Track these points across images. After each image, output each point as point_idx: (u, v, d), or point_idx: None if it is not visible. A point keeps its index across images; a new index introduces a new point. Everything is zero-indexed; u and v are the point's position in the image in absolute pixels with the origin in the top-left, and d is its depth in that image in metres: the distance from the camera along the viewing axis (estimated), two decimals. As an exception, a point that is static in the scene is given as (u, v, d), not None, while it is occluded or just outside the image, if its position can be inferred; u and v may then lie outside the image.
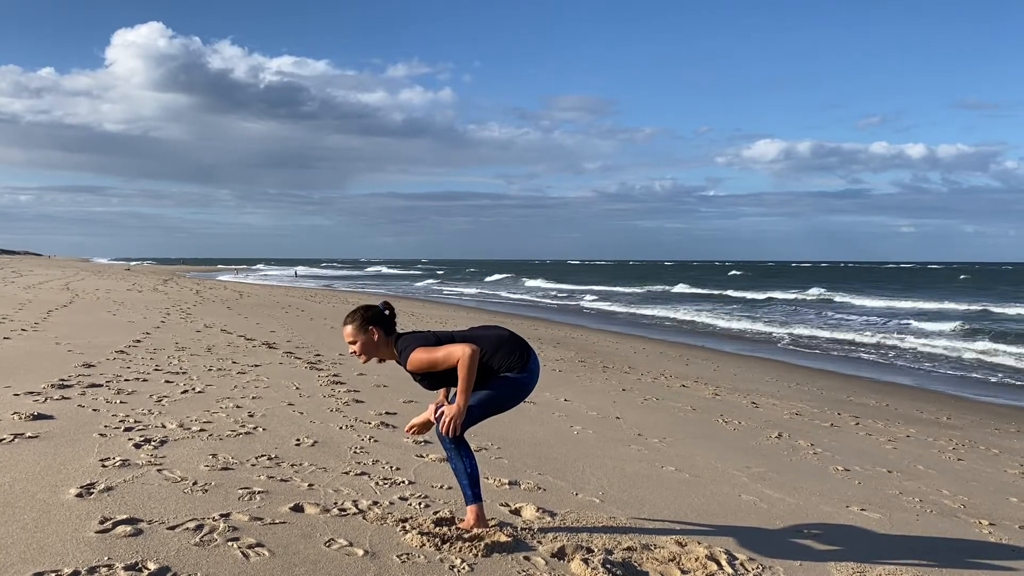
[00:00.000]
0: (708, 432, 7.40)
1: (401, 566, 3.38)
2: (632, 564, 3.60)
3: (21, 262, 77.38)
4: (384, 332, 3.80)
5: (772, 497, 5.12)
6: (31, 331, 11.75)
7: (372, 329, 3.77)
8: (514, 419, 6.98)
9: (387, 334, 3.81)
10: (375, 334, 3.77)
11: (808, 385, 12.50)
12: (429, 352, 3.66)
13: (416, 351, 3.68)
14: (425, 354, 3.66)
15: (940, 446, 7.85)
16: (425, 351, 3.67)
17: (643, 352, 16.10)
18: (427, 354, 3.66)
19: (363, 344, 3.78)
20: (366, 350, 3.79)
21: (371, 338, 3.77)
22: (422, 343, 3.73)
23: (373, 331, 3.77)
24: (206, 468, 4.65)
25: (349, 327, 3.80)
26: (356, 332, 3.78)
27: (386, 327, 3.81)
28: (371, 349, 3.80)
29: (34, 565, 3.11)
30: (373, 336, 3.77)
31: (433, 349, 3.66)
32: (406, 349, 3.73)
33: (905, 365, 16.83)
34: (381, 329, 3.79)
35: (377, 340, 3.78)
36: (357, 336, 3.78)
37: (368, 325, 3.77)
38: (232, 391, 7.41)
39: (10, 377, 7.44)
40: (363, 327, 3.77)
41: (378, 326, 3.78)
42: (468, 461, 3.79)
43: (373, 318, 3.79)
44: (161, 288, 29.09)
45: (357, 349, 3.79)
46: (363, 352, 3.79)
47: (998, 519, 5.14)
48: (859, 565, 3.89)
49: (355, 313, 3.83)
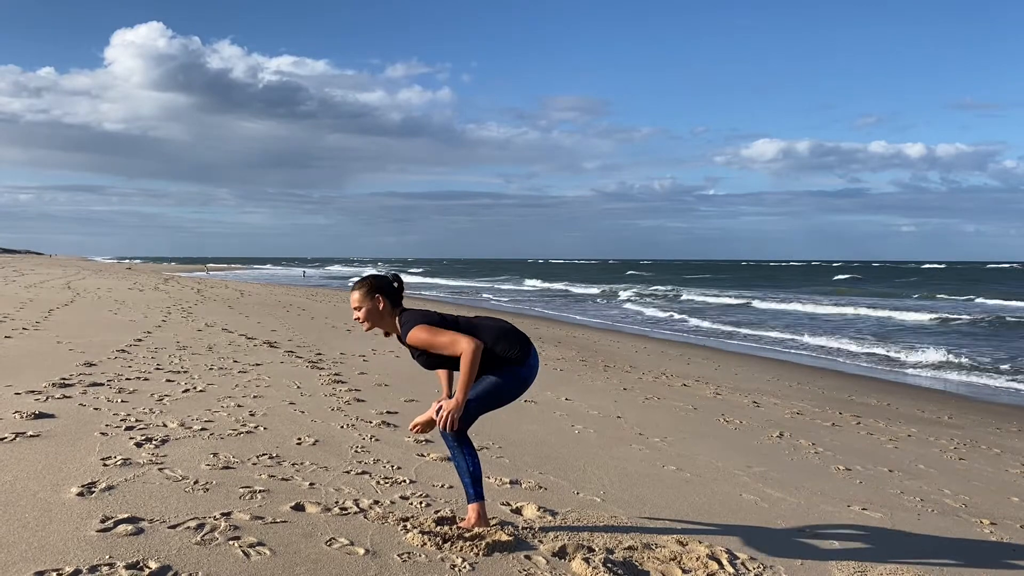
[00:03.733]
0: (709, 431, 7.39)
1: (402, 565, 3.38)
2: (633, 563, 3.60)
3: (22, 261, 77.44)
4: (390, 303, 3.81)
5: (773, 496, 5.11)
6: (32, 330, 11.76)
7: (378, 297, 3.78)
8: (515, 418, 6.98)
9: (392, 305, 3.82)
10: (380, 303, 3.78)
11: (809, 384, 12.50)
12: (432, 333, 3.65)
13: (418, 327, 3.68)
14: (427, 333, 3.66)
15: (941, 445, 7.84)
16: (427, 330, 3.66)
17: (644, 351, 16.10)
18: (429, 334, 3.65)
19: (367, 311, 3.79)
20: (370, 317, 3.80)
21: (376, 306, 3.78)
22: (425, 321, 3.72)
23: (379, 299, 3.78)
24: (207, 467, 4.66)
25: (356, 293, 3.82)
26: (362, 299, 3.79)
27: (392, 298, 3.82)
28: (375, 317, 3.81)
29: (35, 564, 3.11)
30: (379, 304, 3.78)
31: (436, 331, 3.66)
32: (408, 323, 3.73)
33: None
34: (387, 299, 3.80)
35: (382, 309, 3.79)
36: (363, 302, 3.79)
37: (375, 293, 3.79)
38: (233, 390, 7.41)
39: (11, 376, 7.44)
40: (369, 294, 3.79)
41: (384, 295, 3.80)
42: (471, 459, 3.78)
43: (380, 287, 3.81)
44: (162, 287, 29.10)
45: (361, 316, 3.81)
46: (367, 319, 3.81)
47: (999, 519, 5.13)
48: (860, 564, 3.89)
49: (363, 280, 3.84)
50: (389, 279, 3.87)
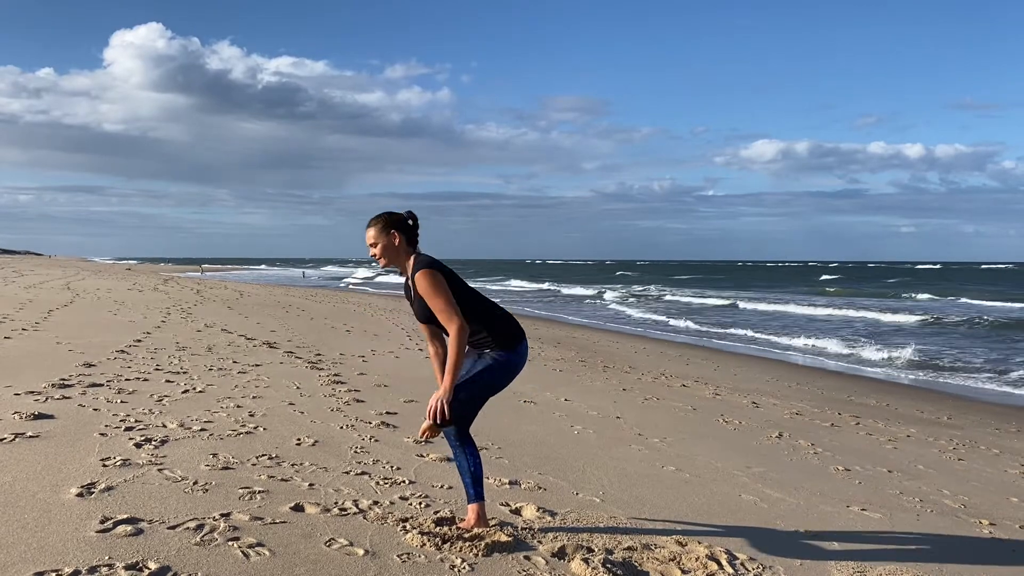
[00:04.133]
0: (709, 432, 7.39)
1: (401, 566, 3.38)
2: (633, 564, 3.60)
3: (22, 262, 77.43)
4: (405, 239, 3.81)
5: (773, 497, 5.12)
6: (32, 331, 11.75)
7: (394, 233, 3.79)
8: (514, 419, 6.98)
9: (408, 243, 3.82)
10: (396, 238, 3.79)
11: (808, 385, 12.50)
12: (437, 284, 3.64)
13: (428, 271, 3.66)
14: (432, 281, 3.64)
15: (941, 446, 7.84)
16: (435, 279, 3.65)
17: (643, 352, 16.10)
18: (434, 284, 3.64)
19: (384, 247, 3.79)
20: (386, 253, 3.80)
21: (392, 242, 3.79)
22: (438, 268, 3.70)
23: (395, 235, 3.79)
24: (207, 468, 4.66)
25: (372, 229, 3.82)
26: (378, 234, 3.80)
27: (408, 235, 3.83)
28: (391, 253, 3.81)
29: (35, 565, 3.11)
30: (394, 240, 3.79)
31: (442, 286, 3.65)
32: (420, 264, 3.72)
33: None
34: (402, 235, 3.80)
35: (398, 245, 3.79)
36: (379, 238, 3.80)
37: (390, 229, 3.79)
38: (233, 391, 7.41)
39: (11, 376, 7.44)
40: (385, 230, 3.79)
41: (400, 231, 3.80)
42: (472, 459, 3.79)
43: (396, 223, 3.81)
44: (162, 288, 29.10)
45: (377, 252, 3.81)
46: (383, 255, 3.81)
47: (999, 519, 5.13)
48: (860, 565, 3.89)
49: (378, 216, 3.85)
50: (404, 216, 3.87)
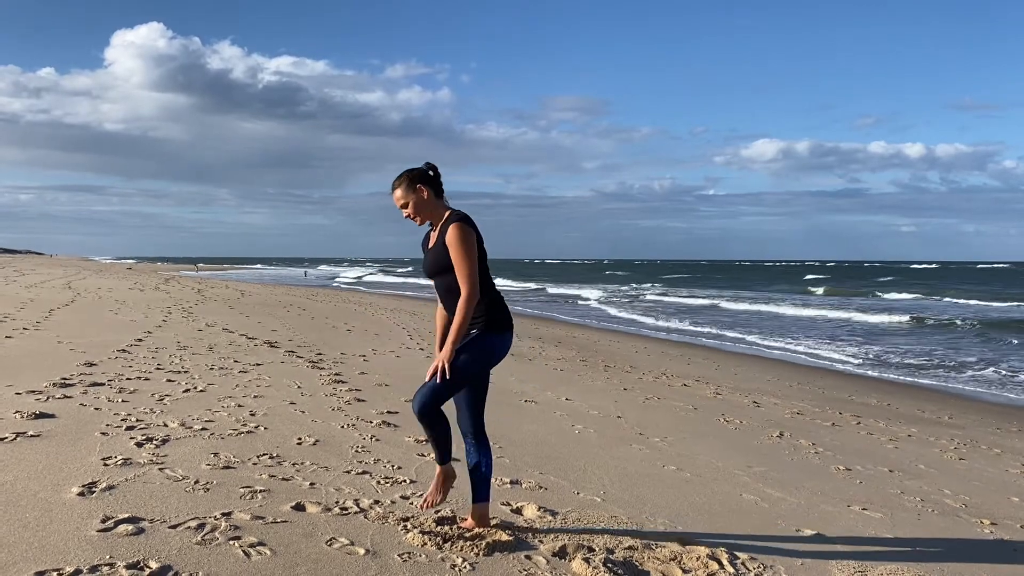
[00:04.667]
0: (709, 431, 7.39)
1: (402, 565, 3.38)
2: (633, 563, 3.60)
3: (23, 261, 77.43)
4: (433, 192, 3.76)
5: (773, 496, 5.12)
6: (33, 330, 11.76)
7: (420, 187, 3.73)
8: (515, 418, 6.99)
9: (436, 195, 3.77)
10: (424, 192, 3.73)
11: (809, 384, 12.50)
12: (469, 243, 3.59)
13: (469, 229, 3.62)
14: (470, 241, 3.60)
15: (942, 445, 7.84)
16: (472, 240, 3.60)
17: (644, 351, 16.10)
18: (470, 243, 3.60)
19: (415, 204, 3.72)
20: (419, 210, 3.73)
21: (421, 196, 3.72)
22: (473, 229, 3.66)
23: (422, 189, 3.73)
24: (208, 467, 4.66)
25: (398, 190, 3.75)
26: (405, 193, 3.74)
27: (434, 187, 3.77)
28: (423, 207, 3.74)
29: (36, 564, 3.11)
30: (423, 194, 3.73)
31: (474, 249, 3.61)
32: (459, 216, 3.68)
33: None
34: (429, 188, 3.75)
35: (427, 198, 3.73)
36: (407, 197, 3.73)
37: (416, 184, 3.73)
38: (234, 390, 7.42)
39: (12, 376, 7.45)
40: (411, 186, 3.73)
41: (426, 185, 3.74)
42: (485, 460, 3.81)
43: (419, 177, 3.75)
44: (163, 287, 29.11)
45: (410, 211, 3.74)
46: (417, 212, 3.74)
47: (1000, 519, 5.13)
48: (860, 564, 3.89)
49: (401, 176, 3.77)
50: (424, 169, 3.80)
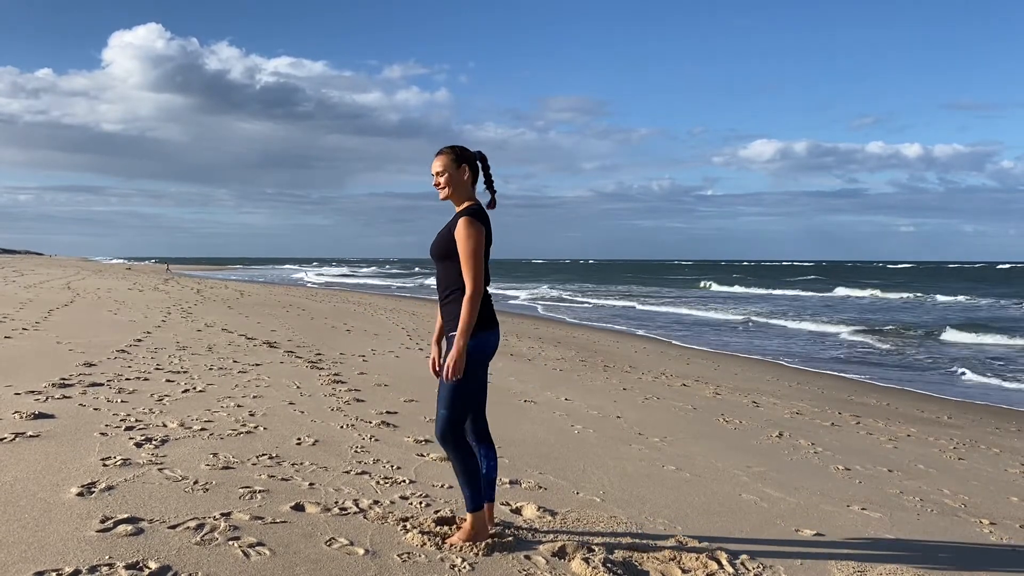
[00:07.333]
0: (709, 431, 7.39)
1: (402, 565, 3.38)
2: (633, 563, 3.60)
3: (22, 261, 77.44)
4: (472, 177, 3.72)
5: (773, 496, 5.12)
6: (32, 330, 11.75)
7: (464, 167, 3.69)
8: (515, 418, 6.99)
9: (472, 184, 3.74)
10: (465, 172, 3.69)
11: (808, 384, 12.50)
12: (479, 243, 3.55)
13: (479, 225, 3.57)
14: (478, 238, 3.55)
15: (941, 445, 7.84)
16: (480, 237, 3.56)
17: (644, 351, 16.10)
18: (478, 240, 3.54)
19: (451, 176, 3.68)
20: (451, 183, 3.68)
21: (461, 176, 3.69)
22: (484, 225, 3.62)
23: (465, 168, 3.69)
24: (207, 467, 4.66)
25: (443, 157, 3.70)
26: (449, 163, 3.69)
27: (475, 174, 3.74)
28: (456, 185, 3.69)
29: (35, 564, 3.11)
30: (463, 174, 3.69)
31: (480, 246, 3.56)
32: (473, 211, 3.63)
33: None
34: (472, 174, 3.72)
35: (466, 179, 3.70)
36: (448, 167, 3.68)
37: (462, 162, 3.70)
38: (233, 390, 7.41)
39: (11, 376, 7.45)
40: (457, 161, 3.69)
41: (470, 169, 3.71)
42: (490, 463, 3.81)
43: (469, 158, 3.72)
44: (162, 287, 29.10)
45: (443, 181, 3.69)
46: (447, 185, 3.69)
47: (999, 518, 5.13)
48: (860, 564, 3.89)
49: (452, 147, 3.74)
50: (475, 155, 3.77)
